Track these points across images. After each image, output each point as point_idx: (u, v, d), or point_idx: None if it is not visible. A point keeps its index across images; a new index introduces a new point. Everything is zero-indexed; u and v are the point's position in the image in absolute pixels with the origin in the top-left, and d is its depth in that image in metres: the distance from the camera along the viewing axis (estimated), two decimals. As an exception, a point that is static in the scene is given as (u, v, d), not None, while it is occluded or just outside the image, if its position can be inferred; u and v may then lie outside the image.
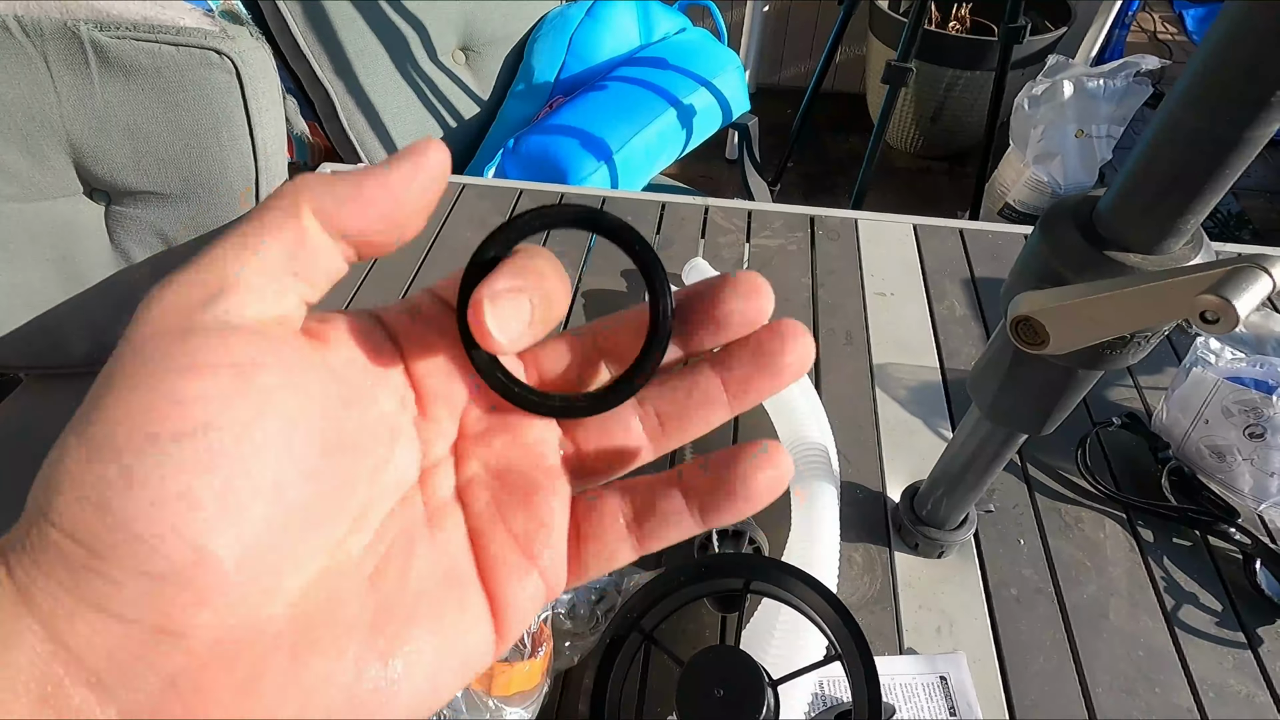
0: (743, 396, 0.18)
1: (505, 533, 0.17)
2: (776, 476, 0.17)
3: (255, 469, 0.13)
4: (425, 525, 0.17)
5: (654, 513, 0.17)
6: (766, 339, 0.17)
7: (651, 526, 0.17)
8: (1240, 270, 0.20)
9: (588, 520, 0.18)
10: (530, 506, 0.17)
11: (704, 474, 0.17)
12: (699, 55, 1.16)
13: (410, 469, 0.17)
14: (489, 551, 0.17)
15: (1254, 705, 0.43)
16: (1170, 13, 2.46)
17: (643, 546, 0.18)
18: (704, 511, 0.17)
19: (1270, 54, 0.21)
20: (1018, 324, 0.28)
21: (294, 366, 0.14)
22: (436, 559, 0.16)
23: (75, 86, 0.72)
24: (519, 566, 0.17)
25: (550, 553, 0.17)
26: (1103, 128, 1.58)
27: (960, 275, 0.70)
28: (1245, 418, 0.50)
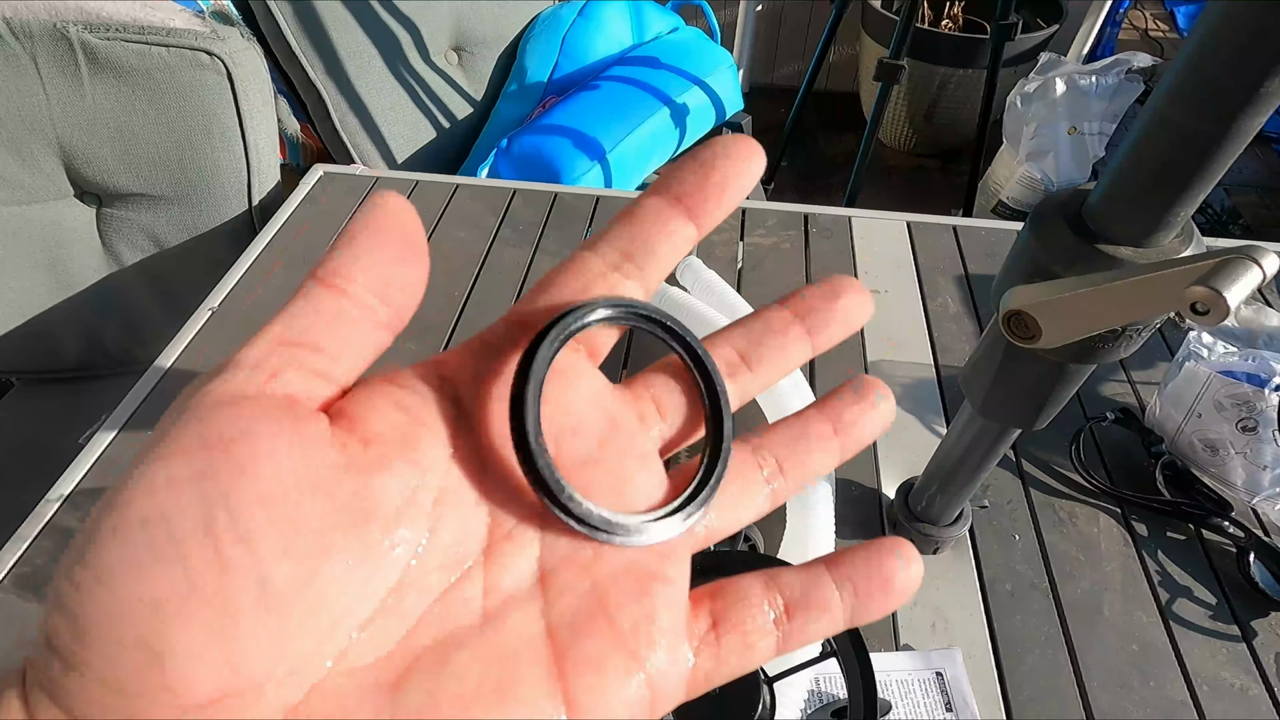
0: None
1: (607, 627, 0.14)
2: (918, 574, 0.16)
3: (230, 559, 0.12)
4: (478, 619, 0.14)
5: (807, 606, 0.16)
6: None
7: (801, 622, 0.16)
8: (1230, 261, 0.20)
9: (728, 615, 0.15)
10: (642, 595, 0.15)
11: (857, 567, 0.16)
12: (692, 54, 1.16)
13: (468, 544, 0.14)
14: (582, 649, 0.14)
15: (1248, 698, 0.43)
16: (1161, 10, 2.47)
17: (786, 644, 0.16)
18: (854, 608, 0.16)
19: (1255, 47, 0.21)
20: (1009, 318, 0.28)
21: (289, 441, 0.13)
22: (488, 663, 0.14)
23: (65, 88, 0.72)
24: (621, 670, 0.14)
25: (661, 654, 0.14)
26: (1095, 125, 1.59)
27: (954, 272, 0.70)
28: (1237, 411, 0.50)
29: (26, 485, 0.55)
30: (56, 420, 0.85)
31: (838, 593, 0.16)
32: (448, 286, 0.68)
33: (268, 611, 0.12)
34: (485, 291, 0.67)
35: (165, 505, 0.12)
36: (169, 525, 0.12)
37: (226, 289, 0.67)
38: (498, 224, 0.74)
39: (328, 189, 0.79)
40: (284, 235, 0.73)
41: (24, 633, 0.45)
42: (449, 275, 0.69)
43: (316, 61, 0.93)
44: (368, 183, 0.79)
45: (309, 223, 0.75)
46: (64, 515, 0.51)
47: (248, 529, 0.12)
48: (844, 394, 0.19)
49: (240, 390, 0.13)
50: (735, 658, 0.15)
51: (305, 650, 0.12)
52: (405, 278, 0.15)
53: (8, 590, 0.47)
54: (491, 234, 0.73)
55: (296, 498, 0.13)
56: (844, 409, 0.18)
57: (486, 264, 0.70)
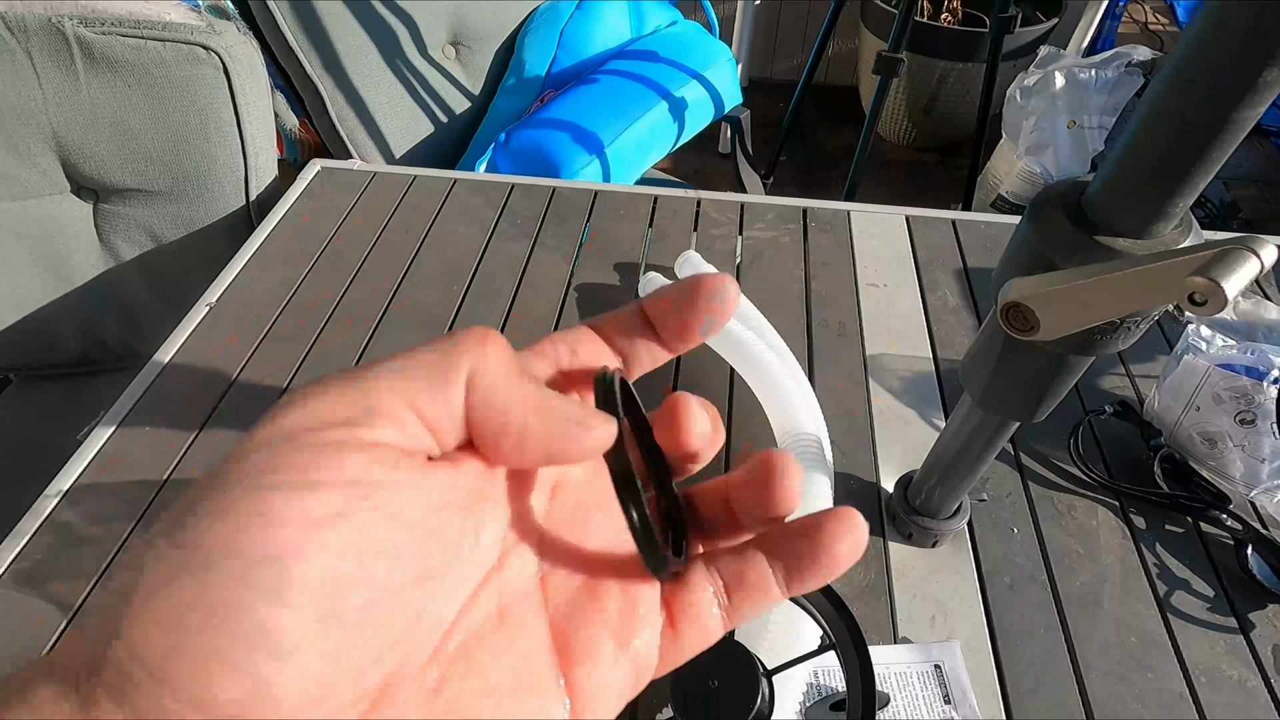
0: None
1: (599, 620, 0.16)
2: (860, 540, 0.17)
3: (340, 602, 0.12)
4: (495, 625, 0.15)
5: (743, 584, 0.17)
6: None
7: (740, 599, 0.17)
8: (1229, 252, 0.20)
9: (677, 599, 0.17)
10: (625, 589, 0.17)
11: (787, 539, 0.17)
12: (690, 48, 1.16)
13: (489, 555, 0.16)
14: (578, 640, 0.16)
15: (1246, 689, 0.43)
16: (1161, 3, 2.46)
17: (731, 620, 0.17)
18: (789, 580, 0.17)
19: (1253, 40, 0.21)
20: (1008, 310, 0.28)
21: (418, 489, 0.14)
22: (506, 657, 0.15)
23: (61, 83, 0.72)
24: (608, 654, 0.16)
25: (642, 641, 0.16)
26: (1094, 118, 1.58)
27: (953, 266, 0.70)
28: (1236, 404, 0.50)
29: (25, 481, 0.55)
30: (55, 416, 0.85)
31: (771, 573, 0.17)
32: (446, 280, 0.68)
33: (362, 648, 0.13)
34: (484, 285, 0.67)
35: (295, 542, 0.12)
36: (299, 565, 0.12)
37: (224, 284, 0.67)
38: (496, 218, 0.74)
39: (325, 184, 0.78)
40: (282, 230, 0.73)
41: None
42: (448, 269, 0.69)
43: (314, 56, 0.93)
44: (365, 177, 0.79)
45: (306, 218, 0.74)
46: (63, 510, 0.51)
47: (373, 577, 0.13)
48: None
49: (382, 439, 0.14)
50: (691, 636, 0.17)
51: (371, 667, 0.13)
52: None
53: (7, 585, 0.47)
54: (490, 228, 0.73)
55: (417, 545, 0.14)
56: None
57: (485, 257, 0.70)
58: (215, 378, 0.59)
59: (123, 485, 0.52)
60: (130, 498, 0.51)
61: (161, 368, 0.60)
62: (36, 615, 0.46)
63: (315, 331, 0.63)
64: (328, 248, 0.71)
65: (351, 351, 0.61)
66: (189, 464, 0.54)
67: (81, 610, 0.46)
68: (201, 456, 0.54)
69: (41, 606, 0.46)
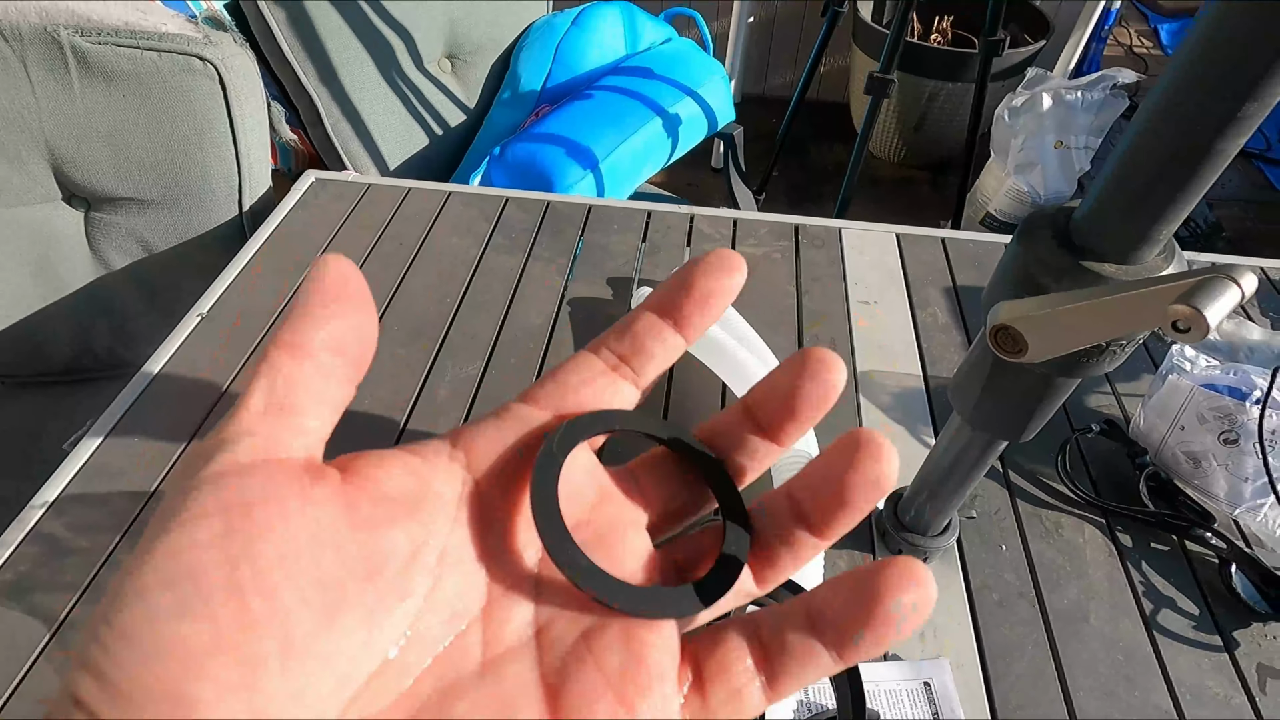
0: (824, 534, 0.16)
1: (596, 672, 0.15)
2: (923, 597, 0.14)
3: (255, 613, 0.12)
4: (478, 670, 0.15)
5: (785, 650, 0.15)
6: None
7: (783, 665, 0.15)
8: (1209, 280, 0.21)
9: (709, 660, 0.15)
10: (629, 641, 0.15)
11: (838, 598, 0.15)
12: (685, 65, 1.17)
13: (469, 599, 0.15)
14: (570, 693, 0.14)
15: (1230, 706, 0.44)
16: (1146, 27, 2.51)
17: (775, 691, 0.15)
18: (841, 648, 0.15)
19: (1241, 67, 0.21)
20: (997, 332, 0.29)
21: (300, 501, 0.14)
22: (484, 711, 0.14)
23: (55, 92, 0.72)
24: (604, 712, 0.14)
25: (651, 704, 0.14)
26: (1081, 138, 1.61)
27: (942, 283, 0.71)
28: (1220, 424, 0.51)
29: (11, 491, 0.54)
30: (43, 424, 0.84)
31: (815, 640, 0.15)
32: (440, 293, 0.68)
33: (288, 662, 0.13)
34: (477, 297, 0.68)
35: (191, 565, 0.13)
36: (195, 584, 0.12)
37: (216, 294, 0.67)
38: (490, 231, 0.75)
39: (319, 195, 0.78)
40: (275, 241, 0.73)
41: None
42: (441, 281, 0.69)
43: (309, 67, 0.93)
44: (359, 189, 0.79)
45: (300, 229, 0.74)
46: (49, 521, 0.50)
47: (270, 584, 0.13)
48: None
49: (247, 458, 0.14)
50: (727, 706, 0.15)
51: (321, 699, 0.13)
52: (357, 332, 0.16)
53: (-9, 597, 0.46)
54: (484, 241, 0.73)
55: (311, 554, 0.13)
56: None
57: (479, 270, 0.70)
58: (206, 388, 0.59)
59: (110, 496, 0.52)
60: (118, 509, 0.51)
61: (151, 378, 0.60)
62: (20, 627, 0.45)
63: (307, 343, 0.63)
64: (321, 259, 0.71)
65: (344, 363, 0.61)
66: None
67: (67, 622, 0.45)
68: (191, 468, 0.54)
69: (25, 619, 0.46)
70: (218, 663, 0.12)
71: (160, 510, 0.14)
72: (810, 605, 0.15)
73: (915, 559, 0.14)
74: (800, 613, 0.15)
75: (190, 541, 0.13)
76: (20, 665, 0.44)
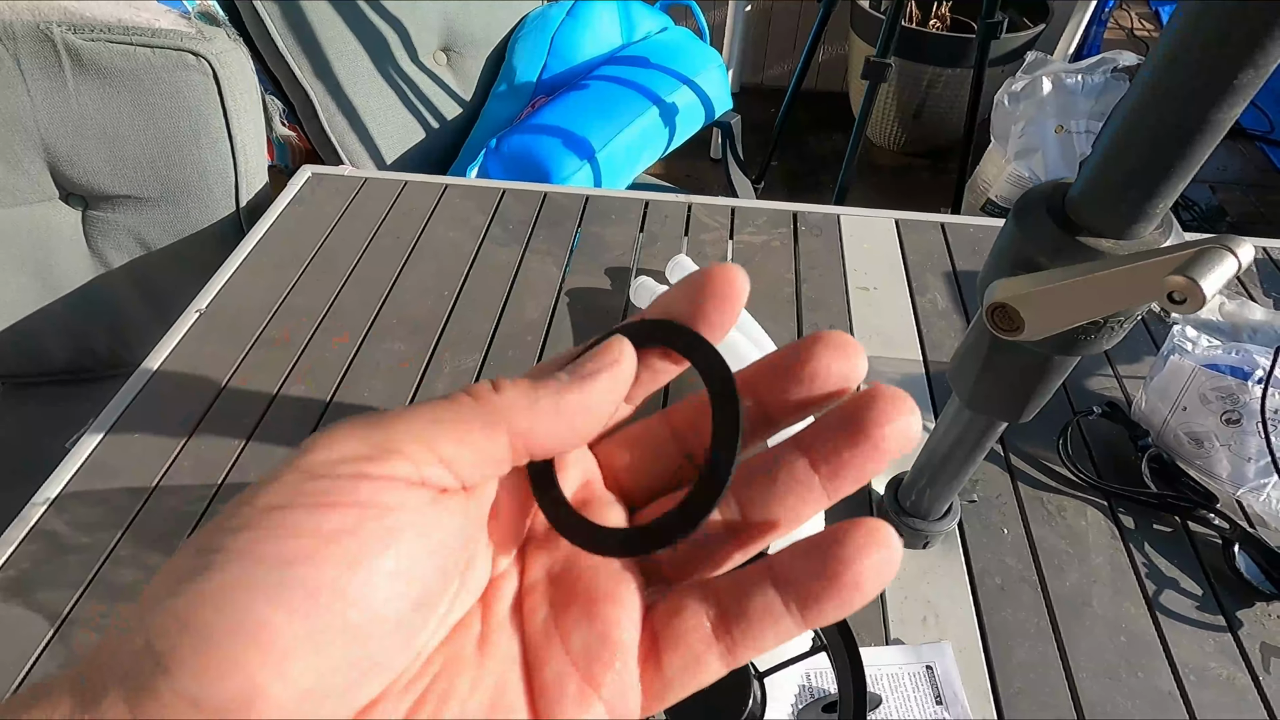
0: (837, 478, 0.15)
1: (562, 652, 0.15)
2: (888, 559, 0.14)
3: (348, 615, 0.13)
4: (475, 651, 0.15)
5: (744, 614, 0.15)
6: (858, 407, 0.15)
7: (743, 631, 0.15)
8: (1206, 251, 0.21)
9: (666, 629, 0.15)
10: (593, 618, 0.15)
11: (800, 561, 0.14)
12: (681, 54, 1.16)
13: (479, 584, 0.16)
14: (542, 676, 0.15)
15: (1234, 687, 0.43)
16: (1146, 9, 2.49)
17: (734, 656, 0.15)
18: (804, 607, 0.14)
19: (1228, 40, 0.21)
20: (993, 311, 0.28)
21: (426, 515, 0.14)
22: (480, 692, 0.15)
23: (49, 90, 0.71)
24: (577, 696, 0.15)
25: (615, 676, 0.15)
26: (1082, 123, 1.60)
27: (942, 269, 0.70)
28: (1222, 404, 0.50)
29: (12, 489, 0.54)
30: (42, 424, 0.84)
31: (780, 599, 0.14)
32: (438, 286, 0.67)
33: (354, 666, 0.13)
34: (475, 290, 0.67)
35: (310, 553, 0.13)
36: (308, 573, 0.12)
37: (214, 291, 0.67)
38: (487, 223, 0.74)
39: (316, 190, 0.78)
40: (272, 237, 0.73)
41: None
42: (439, 274, 0.69)
43: (304, 62, 0.93)
44: (356, 183, 0.79)
45: (297, 224, 0.74)
46: (50, 519, 0.50)
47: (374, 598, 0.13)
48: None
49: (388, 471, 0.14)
50: (683, 675, 0.15)
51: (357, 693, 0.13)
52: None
53: (-7, 595, 0.47)
54: (481, 233, 0.73)
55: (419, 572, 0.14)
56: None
57: (476, 263, 0.70)
58: (205, 384, 0.59)
59: (111, 493, 0.52)
60: (118, 505, 0.51)
61: (150, 375, 0.60)
62: (22, 625, 0.45)
63: (306, 338, 0.63)
64: (318, 254, 0.71)
65: (341, 358, 0.61)
66: (178, 471, 0.53)
67: (69, 619, 0.46)
68: (190, 464, 0.54)
69: (27, 616, 0.46)
70: (296, 667, 0.12)
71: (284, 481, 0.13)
72: (773, 569, 0.15)
73: (879, 520, 0.14)
74: (762, 577, 0.15)
75: (315, 526, 0.13)
76: (23, 662, 0.44)
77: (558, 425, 0.15)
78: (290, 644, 0.12)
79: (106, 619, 0.46)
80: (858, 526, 0.14)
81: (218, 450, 0.54)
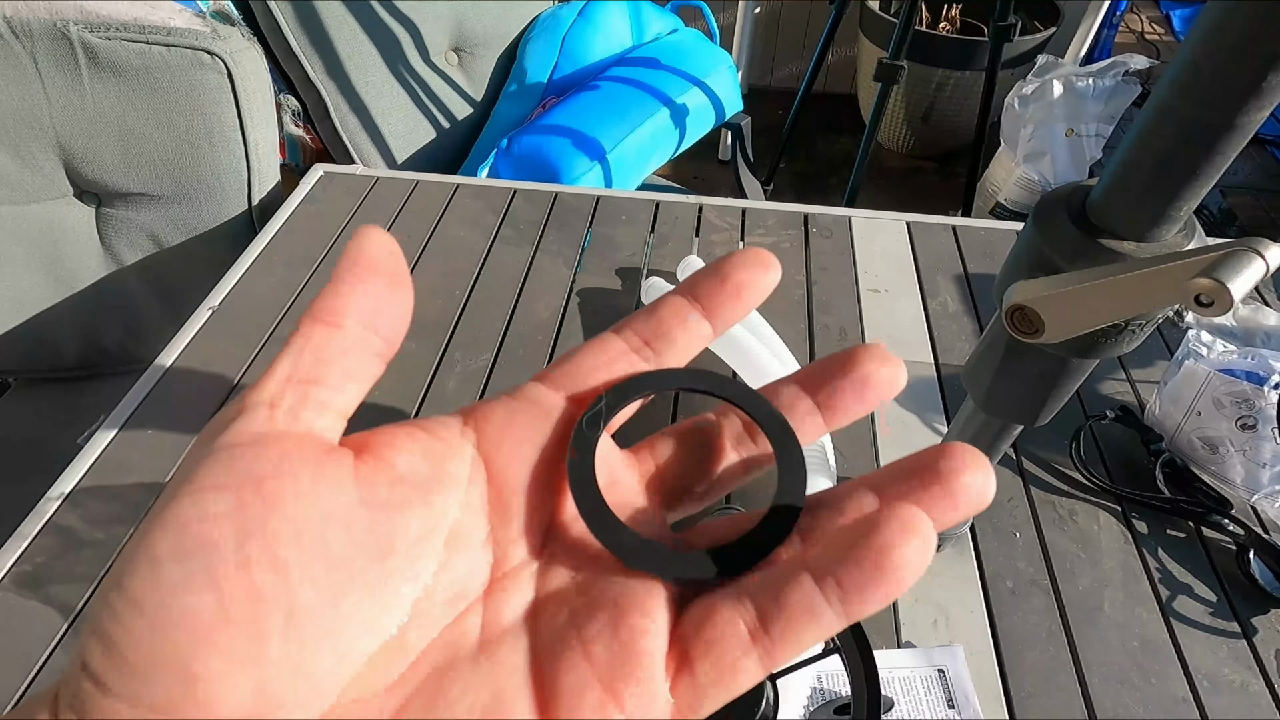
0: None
1: (584, 661, 0.14)
2: (924, 547, 0.13)
3: (263, 587, 0.13)
4: (474, 651, 0.15)
5: (783, 611, 0.14)
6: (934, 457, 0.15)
7: (782, 629, 0.14)
8: (1234, 253, 0.20)
9: (698, 636, 0.14)
10: (616, 623, 0.14)
11: (837, 551, 0.14)
12: (691, 55, 1.16)
13: (472, 581, 0.15)
14: (559, 686, 0.14)
15: (1248, 694, 0.43)
16: (1157, 13, 2.48)
17: (773, 658, 0.14)
18: (846, 599, 0.13)
19: (1259, 40, 0.21)
20: (1012, 313, 0.28)
21: (312, 478, 0.14)
22: (477, 694, 0.14)
23: (65, 88, 0.72)
24: (597, 707, 0.14)
25: (639, 689, 0.14)
26: (1092, 126, 1.59)
27: (953, 271, 0.70)
28: (1237, 409, 0.50)
29: (26, 484, 0.55)
30: (55, 420, 0.85)
31: (819, 593, 0.14)
32: (448, 286, 0.68)
33: (293, 637, 0.13)
34: (486, 290, 0.67)
35: (202, 537, 0.13)
36: (206, 556, 0.12)
37: (226, 288, 0.67)
38: (498, 223, 0.74)
39: (327, 189, 0.79)
40: (284, 235, 0.73)
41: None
42: (450, 274, 0.69)
43: (317, 61, 0.93)
44: (367, 183, 0.79)
45: (308, 223, 0.75)
46: (64, 514, 0.51)
47: (279, 560, 0.13)
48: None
49: (264, 430, 0.14)
50: (716, 685, 0.14)
51: (323, 675, 0.13)
52: (393, 308, 0.16)
53: (7, 589, 0.47)
54: (492, 233, 0.73)
55: (322, 531, 0.13)
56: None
57: (487, 263, 0.70)
58: (217, 381, 0.59)
59: (124, 489, 0.52)
60: (132, 501, 0.51)
61: (163, 371, 0.60)
62: (37, 618, 0.46)
63: (317, 335, 0.63)
64: (330, 252, 0.71)
65: (354, 355, 0.61)
66: (191, 467, 0.53)
67: (82, 614, 0.46)
68: (203, 460, 0.54)
69: (42, 610, 0.46)
70: (224, 636, 0.12)
71: (175, 476, 0.14)
72: (808, 561, 0.14)
73: (914, 506, 0.14)
74: (797, 570, 0.14)
75: (201, 513, 0.13)
76: (37, 655, 0.44)
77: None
78: (216, 627, 0.12)
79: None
80: (894, 512, 0.13)
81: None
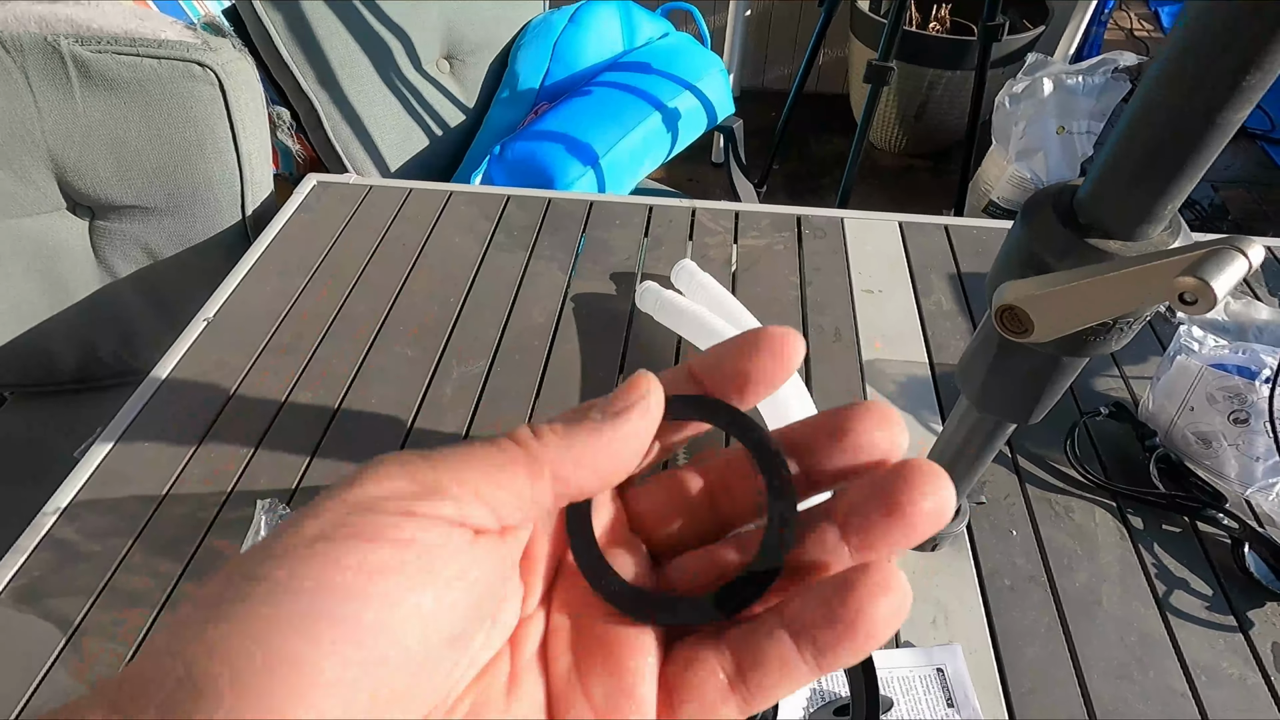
0: (868, 550, 0.16)
1: (584, 702, 0.15)
2: (900, 603, 0.14)
3: (383, 651, 0.13)
4: (504, 693, 0.15)
5: (760, 663, 0.15)
6: (891, 480, 0.15)
7: (758, 680, 0.15)
8: (1217, 252, 0.21)
9: (682, 680, 0.15)
10: (611, 666, 0.15)
11: (813, 607, 0.15)
12: (683, 59, 1.17)
13: (508, 625, 0.16)
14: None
15: (1245, 686, 0.43)
16: (1146, 10, 2.49)
17: (750, 705, 0.15)
18: (819, 654, 0.14)
19: (1234, 41, 0.21)
20: (1002, 313, 0.29)
21: (465, 555, 0.14)
22: None
23: (56, 101, 0.72)
24: None
25: None
26: (1083, 123, 1.60)
27: (946, 270, 0.70)
28: (1229, 404, 0.50)
29: (23, 498, 0.55)
30: (52, 433, 0.85)
31: (795, 648, 0.15)
32: (443, 292, 0.68)
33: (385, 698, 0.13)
34: (481, 296, 0.68)
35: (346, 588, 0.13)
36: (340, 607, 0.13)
37: (221, 299, 0.67)
38: (492, 229, 0.75)
39: (321, 198, 0.79)
40: (278, 245, 0.73)
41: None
42: (444, 281, 0.69)
43: (308, 71, 0.93)
44: (361, 191, 0.79)
45: (303, 232, 0.75)
46: (61, 527, 0.51)
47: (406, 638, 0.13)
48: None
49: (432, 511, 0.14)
50: None
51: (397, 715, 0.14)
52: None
53: (5, 603, 0.47)
54: (486, 239, 0.73)
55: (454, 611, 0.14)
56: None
57: (481, 270, 0.70)
58: (213, 392, 0.59)
59: (121, 501, 0.52)
60: (129, 513, 0.51)
61: (159, 383, 0.60)
62: (35, 631, 0.45)
63: (313, 345, 0.63)
64: (324, 262, 0.71)
65: (349, 364, 0.61)
66: (188, 479, 0.53)
67: (80, 627, 0.46)
68: (200, 471, 0.54)
69: (40, 623, 0.46)
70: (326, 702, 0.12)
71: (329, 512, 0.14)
72: (785, 615, 0.15)
73: (889, 564, 0.14)
74: (775, 624, 0.15)
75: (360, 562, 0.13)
76: (36, 670, 0.44)
77: (595, 465, 0.15)
78: (324, 680, 0.12)
79: (118, 626, 0.46)
80: (868, 571, 0.14)
81: (227, 457, 0.55)
